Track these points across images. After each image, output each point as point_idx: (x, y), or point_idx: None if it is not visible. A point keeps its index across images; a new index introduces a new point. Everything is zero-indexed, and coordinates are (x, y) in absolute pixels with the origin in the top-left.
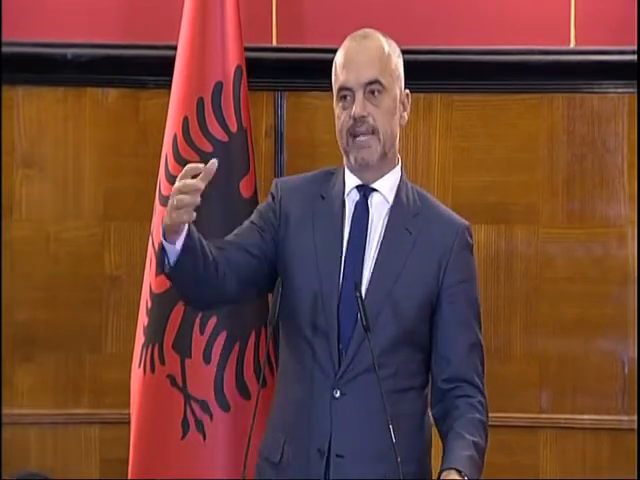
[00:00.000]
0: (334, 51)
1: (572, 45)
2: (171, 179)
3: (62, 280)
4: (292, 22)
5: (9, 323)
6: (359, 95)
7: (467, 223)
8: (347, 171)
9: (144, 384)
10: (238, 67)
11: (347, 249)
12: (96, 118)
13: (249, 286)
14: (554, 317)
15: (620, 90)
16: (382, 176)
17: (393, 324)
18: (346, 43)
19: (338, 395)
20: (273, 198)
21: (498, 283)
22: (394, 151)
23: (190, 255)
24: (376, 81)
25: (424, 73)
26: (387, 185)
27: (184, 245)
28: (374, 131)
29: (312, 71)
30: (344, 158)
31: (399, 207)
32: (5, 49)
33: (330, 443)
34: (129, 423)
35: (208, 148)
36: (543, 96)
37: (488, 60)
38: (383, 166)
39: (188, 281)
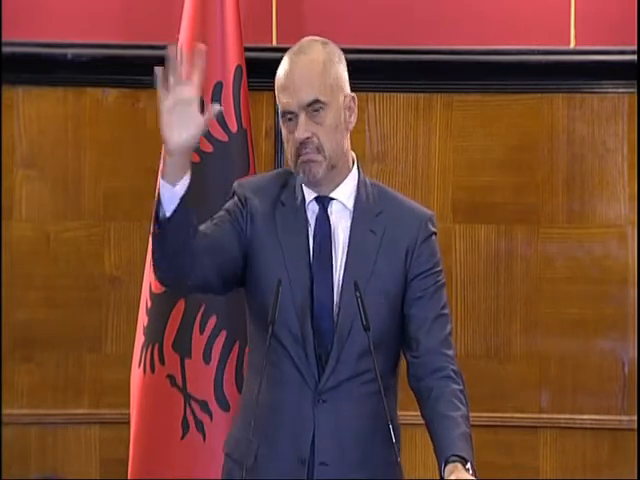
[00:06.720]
0: None
1: (572, 45)
2: None
3: (62, 280)
4: (292, 22)
5: (9, 323)
6: (302, 117)
7: (430, 213)
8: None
9: (144, 384)
10: (238, 67)
11: (314, 256)
12: (96, 118)
13: (223, 273)
14: (554, 317)
15: (620, 90)
16: (337, 186)
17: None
18: (284, 60)
19: (321, 403)
20: (238, 198)
21: (498, 283)
22: (345, 159)
23: (187, 211)
24: (316, 101)
25: (424, 73)
26: (345, 192)
27: (185, 193)
28: (319, 150)
29: None
30: None
31: (360, 210)
32: (5, 49)
33: (313, 452)
34: (129, 423)
35: (208, 148)
36: (543, 96)
37: (488, 60)
38: (335, 177)
39: (175, 242)
